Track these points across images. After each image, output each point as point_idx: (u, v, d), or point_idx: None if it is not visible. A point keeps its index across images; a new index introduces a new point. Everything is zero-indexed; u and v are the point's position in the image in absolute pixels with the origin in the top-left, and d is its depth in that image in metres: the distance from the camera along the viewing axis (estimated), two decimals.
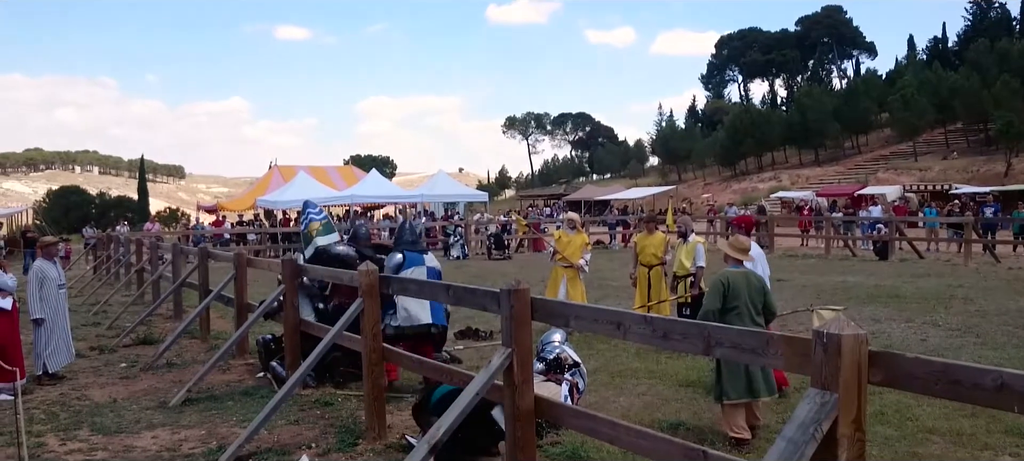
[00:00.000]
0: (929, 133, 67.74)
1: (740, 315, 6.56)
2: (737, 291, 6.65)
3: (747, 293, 6.68)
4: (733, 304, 6.61)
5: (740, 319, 6.50)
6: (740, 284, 6.70)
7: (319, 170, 40.85)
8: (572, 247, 12.21)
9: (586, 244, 12.57)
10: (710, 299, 6.74)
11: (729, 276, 6.74)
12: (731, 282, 6.68)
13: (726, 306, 6.61)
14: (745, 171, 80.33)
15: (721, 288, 6.66)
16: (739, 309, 6.60)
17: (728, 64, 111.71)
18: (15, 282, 9.21)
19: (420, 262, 8.58)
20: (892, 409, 7.13)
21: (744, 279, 6.77)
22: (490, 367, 4.95)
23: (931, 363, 2.99)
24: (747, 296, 6.67)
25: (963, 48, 76.99)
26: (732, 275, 6.76)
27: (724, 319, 6.47)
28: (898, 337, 10.99)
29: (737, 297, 6.63)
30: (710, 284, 6.85)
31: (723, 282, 6.68)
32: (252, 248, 28.32)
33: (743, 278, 6.77)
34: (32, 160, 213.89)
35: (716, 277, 6.84)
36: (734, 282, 6.69)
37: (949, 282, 17.03)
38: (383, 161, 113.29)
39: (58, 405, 8.28)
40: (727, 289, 6.64)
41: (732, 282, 6.68)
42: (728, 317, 6.53)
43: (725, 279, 6.71)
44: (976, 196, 38.68)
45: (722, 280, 6.71)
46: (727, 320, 6.45)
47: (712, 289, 6.78)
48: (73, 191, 76.84)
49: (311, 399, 8.13)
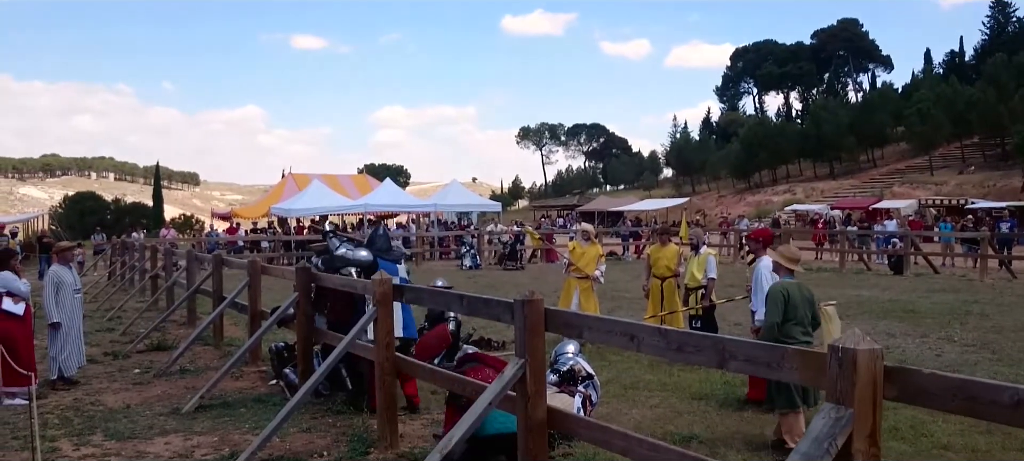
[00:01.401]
0: (945, 147, 67.50)
1: (798, 326, 6.61)
2: (796, 302, 6.65)
3: (802, 304, 6.69)
4: (792, 315, 6.61)
5: (799, 329, 6.57)
6: (797, 295, 6.70)
7: (333, 179, 40.97)
8: (586, 258, 12.18)
9: (600, 256, 12.47)
10: (772, 311, 6.67)
11: (788, 287, 6.73)
12: (790, 293, 6.67)
13: (786, 317, 6.60)
14: (759, 183, 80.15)
15: (782, 299, 6.63)
16: (798, 319, 6.62)
17: (743, 76, 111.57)
18: (28, 287, 9.26)
19: (393, 271, 8.25)
20: (907, 424, 7.08)
21: (798, 290, 6.77)
22: (503, 378, 4.95)
23: (947, 379, 2.97)
24: (802, 307, 6.68)
25: (980, 62, 76.71)
26: (790, 286, 6.75)
27: (784, 330, 6.52)
28: (913, 352, 10.92)
29: (796, 308, 6.63)
30: (770, 296, 6.79)
31: (784, 293, 6.66)
32: (265, 256, 28.41)
33: (797, 289, 6.77)
34: (49, 166, 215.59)
35: (775, 288, 6.79)
36: (792, 293, 6.68)
37: (965, 297, 16.92)
38: (397, 170, 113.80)
39: (72, 410, 8.32)
40: (788, 300, 6.62)
41: (791, 293, 6.67)
42: (787, 327, 6.56)
43: (784, 290, 6.68)
44: (992, 211, 38.47)
45: (782, 292, 6.68)
46: (786, 331, 6.53)
47: (772, 301, 6.71)
48: (89, 197, 77.20)
49: (324, 407, 8.14)
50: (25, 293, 9.09)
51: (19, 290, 8.99)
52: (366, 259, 8.54)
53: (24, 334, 8.96)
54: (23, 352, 8.80)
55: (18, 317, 8.91)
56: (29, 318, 9.12)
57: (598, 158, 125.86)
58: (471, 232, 33.81)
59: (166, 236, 33.56)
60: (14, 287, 8.96)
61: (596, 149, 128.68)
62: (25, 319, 9.02)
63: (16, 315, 8.89)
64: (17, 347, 8.75)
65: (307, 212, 34.82)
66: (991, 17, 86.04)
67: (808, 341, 6.67)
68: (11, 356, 8.63)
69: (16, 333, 8.83)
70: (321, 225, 23.19)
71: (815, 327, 6.92)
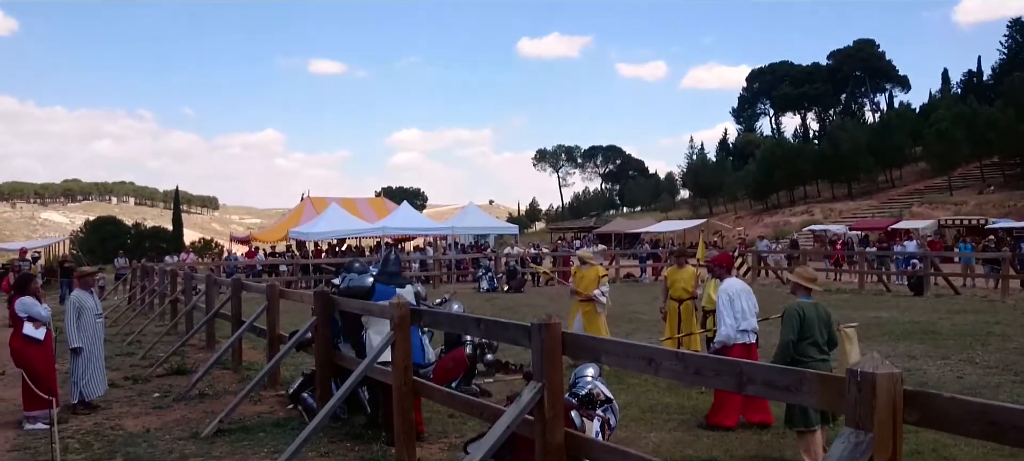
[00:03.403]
0: (964, 167, 67.01)
1: (814, 346, 6.71)
2: (811, 322, 6.75)
3: (817, 324, 6.78)
4: (808, 334, 6.72)
5: (814, 349, 6.68)
6: (812, 315, 6.80)
7: (350, 202, 41.11)
8: (585, 281, 12.10)
9: (602, 276, 12.29)
10: (787, 330, 6.78)
11: (803, 307, 6.84)
12: (805, 313, 6.78)
13: (802, 336, 6.70)
14: (777, 204, 79.78)
15: (797, 319, 6.74)
16: (813, 339, 6.72)
17: (759, 97, 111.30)
18: (49, 311, 9.34)
19: (391, 295, 7.93)
20: (928, 448, 7.01)
21: (814, 310, 6.86)
22: (520, 402, 4.95)
23: (968, 403, 2.94)
24: (818, 327, 6.77)
25: (998, 81, 76.23)
26: (806, 306, 6.87)
27: (799, 349, 6.63)
28: (934, 375, 10.82)
29: (811, 328, 6.73)
30: (785, 315, 6.90)
31: (799, 313, 6.77)
32: (284, 279, 28.52)
33: (813, 309, 6.87)
34: (70, 191, 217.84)
35: (791, 308, 6.89)
36: (808, 313, 6.79)
37: (986, 318, 16.75)
38: (414, 193, 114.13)
39: (92, 434, 8.37)
40: (803, 319, 6.73)
41: (807, 313, 6.78)
42: (802, 346, 6.66)
43: (800, 310, 6.80)
44: (1013, 231, 38.14)
45: (797, 311, 6.79)
46: (801, 350, 6.65)
47: (788, 320, 6.82)
48: (109, 222, 77.84)
49: (342, 431, 8.15)
50: (46, 318, 9.16)
51: (40, 315, 9.07)
52: (360, 287, 8.42)
53: (45, 358, 9.02)
54: (44, 376, 8.87)
55: (39, 341, 8.98)
56: (50, 342, 9.20)
57: (615, 180, 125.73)
58: (488, 255, 33.81)
59: (185, 260, 33.78)
60: (35, 312, 9.03)
61: (613, 171, 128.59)
62: (46, 343, 9.09)
63: (37, 339, 8.97)
64: (38, 371, 8.82)
65: (325, 235, 34.96)
66: (1009, 36, 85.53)
67: (824, 360, 6.74)
68: (32, 380, 8.70)
69: (37, 357, 8.90)
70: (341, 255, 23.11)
71: (832, 347, 6.97)
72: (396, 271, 8.72)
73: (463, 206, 42.63)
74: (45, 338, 9.10)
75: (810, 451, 6.61)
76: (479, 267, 31.14)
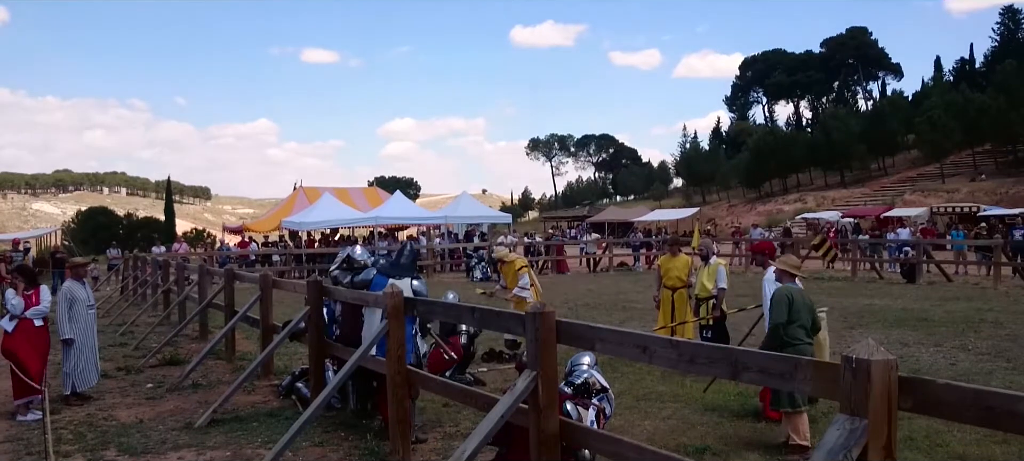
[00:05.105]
0: (957, 155, 67.12)
1: (801, 328, 6.90)
2: (799, 306, 6.94)
3: (804, 308, 6.98)
4: (796, 317, 6.90)
5: (802, 332, 6.88)
6: (800, 299, 6.99)
7: (343, 192, 40.98)
8: (509, 276, 11.90)
9: (521, 269, 11.88)
10: (777, 312, 6.96)
11: (792, 291, 7.04)
12: (794, 297, 6.96)
13: (790, 319, 6.87)
14: (770, 193, 79.86)
15: (787, 302, 6.93)
16: (801, 322, 6.90)
17: (752, 86, 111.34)
18: (21, 302, 9.14)
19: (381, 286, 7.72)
20: (922, 434, 7.04)
21: (801, 295, 7.06)
22: (515, 390, 4.94)
23: (963, 390, 2.95)
24: (805, 311, 6.97)
25: (990, 69, 76.26)
26: (794, 290, 7.07)
27: (788, 332, 6.82)
28: (927, 362, 10.86)
29: (799, 312, 6.92)
30: (775, 299, 7.11)
31: (788, 296, 6.96)
32: (277, 269, 28.46)
33: (800, 294, 7.08)
34: (61, 181, 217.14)
35: (780, 291, 7.08)
36: (795, 297, 6.97)
37: (978, 305, 16.81)
38: (407, 183, 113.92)
39: (85, 425, 8.34)
40: (792, 303, 6.91)
41: (795, 297, 6.96)
42: (792, 329, 6.85)
43: (789, 294, 6.99)
44: (1005, 218, 38.25)
45: (787, 294, 6.99)
46: (790, 332, 6.83)
47: (778, 303, 7.00)
48: (101, 212, 77.45)
49: (336, 421, 8.14)
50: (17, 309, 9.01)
51: (11, 305, 9.01)
52: (364, 282, 8.30)
53: (26, 347, 8.90)
54: (27, 364, 8.77)
55: (7, 332, 8.94)
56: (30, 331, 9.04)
57: (608, 169, 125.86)
58: (479, 244, 33.78)
59: (179, 251, 33.69)
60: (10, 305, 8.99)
61: (606, 160, 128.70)
62: (29, 333, 8.98)
63: (5, 330, 8.95)
64: (20, 359, 8.75)
65: (318, 225, 34.86)
66: (1001, 24, 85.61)
67: (810, 344, 6.99)
68: (18, 370, 8.67)
69: (17, 347, 8.83)
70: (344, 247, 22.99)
71: (815, 332, 7.19)
72: (408, 265, 8.38)
73: (456, 195, 42.56)
74: (29, 328, 9.00)
75: (799, 431, 6.80)
76: (472, 256, 31.12)
